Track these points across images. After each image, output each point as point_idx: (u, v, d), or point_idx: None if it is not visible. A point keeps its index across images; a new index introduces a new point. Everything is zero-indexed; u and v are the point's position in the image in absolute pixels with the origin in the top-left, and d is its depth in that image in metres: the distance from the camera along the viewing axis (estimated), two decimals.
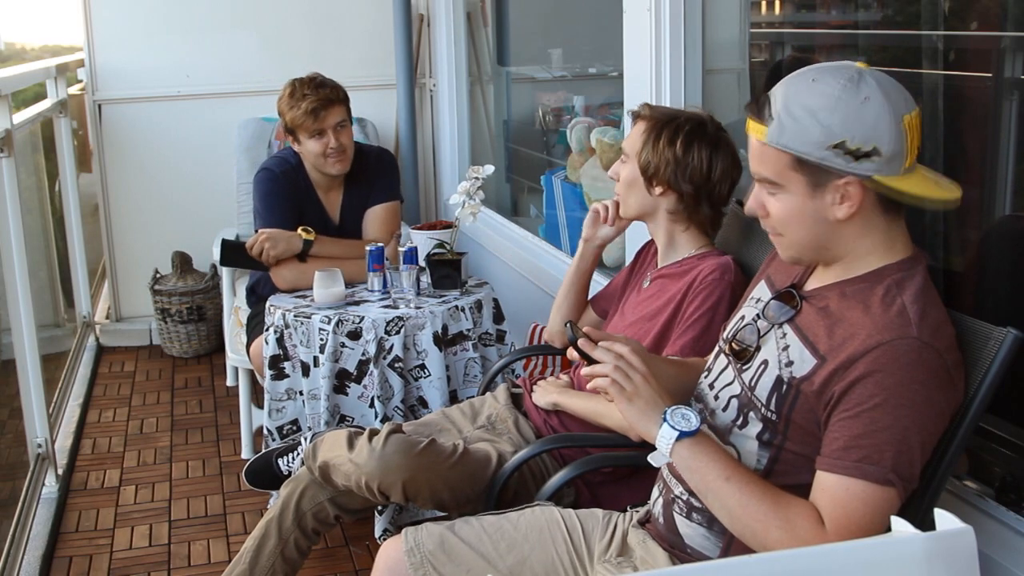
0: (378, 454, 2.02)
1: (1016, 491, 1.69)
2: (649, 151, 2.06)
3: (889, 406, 1.32)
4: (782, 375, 1.45)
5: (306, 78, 3.08)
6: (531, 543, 1.69)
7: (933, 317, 1.38)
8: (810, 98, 1.38)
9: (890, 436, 1.32)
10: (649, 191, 2.08)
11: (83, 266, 4.45)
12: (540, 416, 2.23)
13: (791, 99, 1.39)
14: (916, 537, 1.02)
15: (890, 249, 1.45)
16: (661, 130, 2.06)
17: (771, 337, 1.51)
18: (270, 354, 2.72)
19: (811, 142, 1.37)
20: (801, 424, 1.43)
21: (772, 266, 1.67)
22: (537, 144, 4.07)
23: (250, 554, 2.19)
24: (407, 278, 2.81)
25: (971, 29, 2.01)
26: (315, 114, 3.00)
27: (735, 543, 1.49)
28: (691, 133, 2.05)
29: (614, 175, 2.18)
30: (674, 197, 2.07)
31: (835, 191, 1.40)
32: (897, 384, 1.33)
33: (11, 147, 2.94)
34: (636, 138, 2.10)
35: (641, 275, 2.24)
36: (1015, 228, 1.90)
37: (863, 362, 1.35)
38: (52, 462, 3.08)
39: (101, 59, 4.35)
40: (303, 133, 3.03)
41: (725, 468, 1.41)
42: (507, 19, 4.43)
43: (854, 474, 1.33)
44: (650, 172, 2.06)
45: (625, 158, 2.13)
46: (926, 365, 1.34)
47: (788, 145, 1.39)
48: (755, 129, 1.42)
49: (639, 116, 2.12)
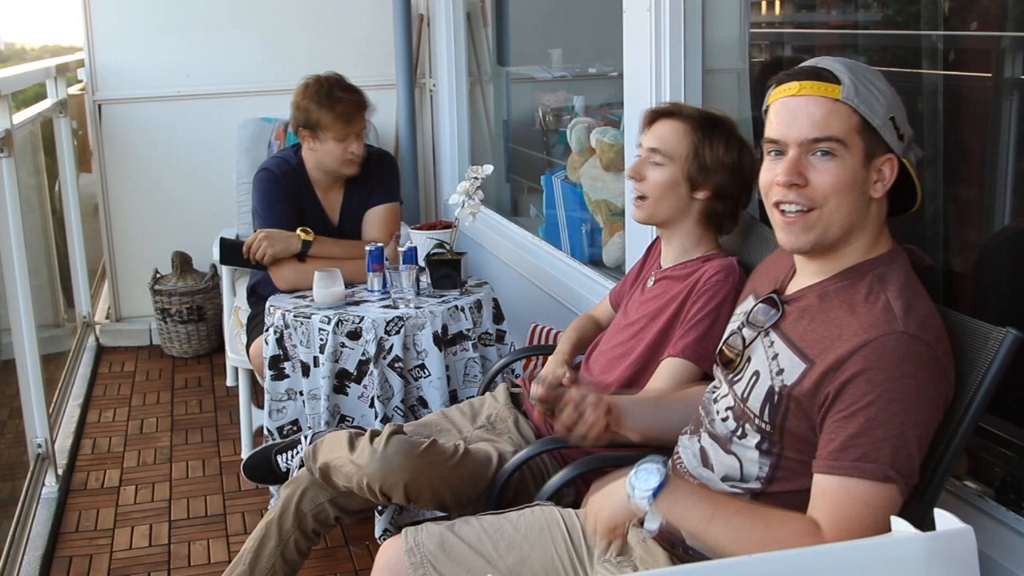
0: (379, 455, 2.02)
1: (1016, 491, 1.69)
2: (704, 155, 2.00)
3: (882, 402, 1.32)
4: (774, 385, 1.45)
5: (333, 78, 3.05)
6: (531, 543, 1.69)
7: (919, 310, 1.39)
8: (867, 72, 1.43)
9: (886, 432, 1.32)
10: (691, 195, 2.03)
11: (83, 266, 4.45)
12: (540, 416, 2.23)
13: (853, 69, 1.42)
14: (916, 537, 1.02)
15: (875, 244, 1.47)
16: (712, 133, 2.01)
17: (759, 346, 1.52)
18: (270, 354, 2.72)
19: (876, 109, 1.41)
20: (796, 432, 1.43)
21: (758, 282, 1.68)
22: (537, 144, 4.07)
23: (250, 555, 2.19)
24: (407, 278, 2.81)
25: (971, 29, 2.01)
26: (348, 118, 2.99)
27: None
28: (737, 136, 2.03)
29: (636, 174, 2.06)
30: (713, 200, 2.03)
31: (877, 167, 1.43)
32: (888, 380, 1.33)
33: (11, 147, 2.94)
34: (678, 139, 2.02)
35: (646, 274, 2.23)
36: (1016, 229, 1.90)
37: (852, 361, 1.35)
38: (52, 462, 3.08)
39: (101, 59, 4.35)
40: (328, 133, 3.00)
41: (705, 507, 1.38)
42: (507, 19, 4.43)
43: (853, 474, 1.33)
44: (700, 177, 2.00)
45: (660, 159, 2.03)
46: (915, 358, 1.34)
47: (860, 106, 1.40)
48: (822, 88, 1.41)
49: (674, 115, 2.04)
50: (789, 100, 1.44)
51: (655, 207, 2.06)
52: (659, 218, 2.08)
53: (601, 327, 2.36)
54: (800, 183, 1.42)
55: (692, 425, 1.65)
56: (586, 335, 2.35)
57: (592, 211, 3.24)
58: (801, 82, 1.43)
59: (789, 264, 1.60)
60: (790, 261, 1.59)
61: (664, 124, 2.05)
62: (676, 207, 2.05)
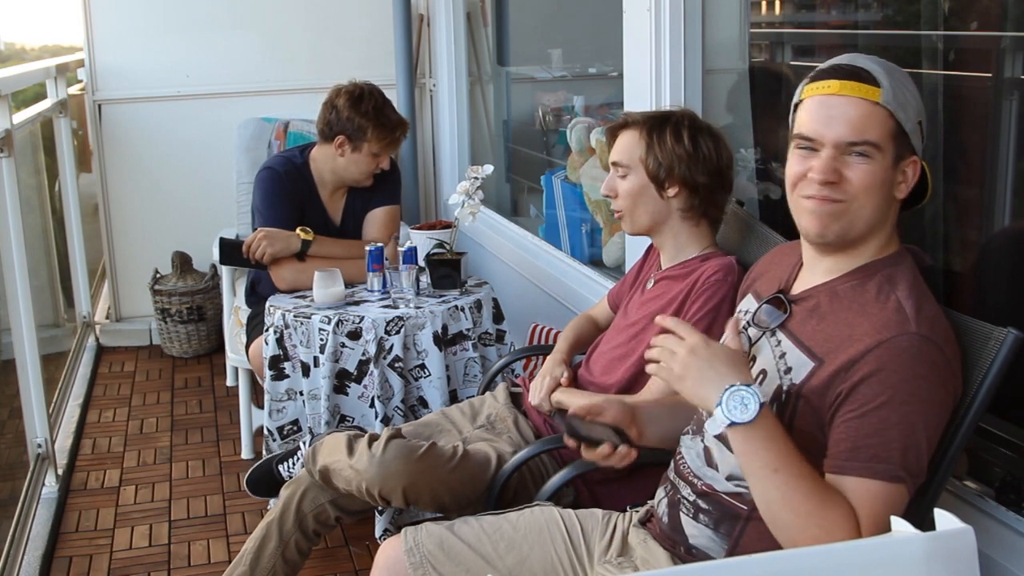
0: (378, 460, 2.02)
1: (1016, 491, 1.69)
2: (657, 153, 2.03)
3: (895, 403, 1.33)
4: (782, 384, 1.45)
5: (379, 95, 3.06)
6: (530, 543, 1.69)
7: (929, 311, 1.39)
8: (901, 74, 1.43)
9: (898, 433, 1.32)
10: (661, 195, 2.05)
11: (83, 266, 4.45)
12: (540, 415, 2.23)
13: (890, 71, 1.42)
14: (916, 537, 1.02)
15: (887, 243, 1.47)
16: (661, 130, 2.04)
17: (765, 345, 1.51)
18: (270, 354, 2.72)
19: (910, 112, 1.42)
20: (804, 431, 1.42)
21: (758, 281, 1.67)
22: (537, 144, 4.07)
23: (251, 555, 2.19)
24: (407, 278, 2.81)
25: (971, 29, 2.02)
26: (396, 144, 3.08)
27: (741, 544, 1.48)
28: (691, 126, 2.04)
29: (610, 192, 2.12)
30: (687, 195, 2.04)
31: (903, 168, 1.43)
32: (901, 381, 1.33)
33: (11, 147, 2.94)
34: (633, 146, 2.06)
35: (645, 275, 2.23)
36: (1016, 228, 1.90)
37: (865, 362, 1.35)
38: (52, 462, 3.08)
39: (101, 59, 4.35)
40: (368, 148, 3.02)
41: (776, 458, 1.34)
42: (507, 19, 4.43)
43: (865, 474, 1.33)
44: (662, 174, 2.03)
45: (623, 171, 2.08)
46: (927, 359, 1.34)
47: (898, 110, 1.40)
48: (863, 91, 1.40)
49: (625, 125, 2.09)
50: (827, 99, 1.42)
51: (633, 217, 2.10)
52: (642, 225, 2.11)
53: (599, 327, 2.36)
54: (836, 180, 1.42)
55: (694, 425, 1.64)
56: (584, 335, 2.36)
57: (592, 211, 3.24)
58: (842, 81, 1.41)
59: (793, 262, 1.59)
60: (795, 259, 1.59)
61: (621, 137, 2.10)
62: (654, 211, 2.07)
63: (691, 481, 1.58)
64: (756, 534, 1.46)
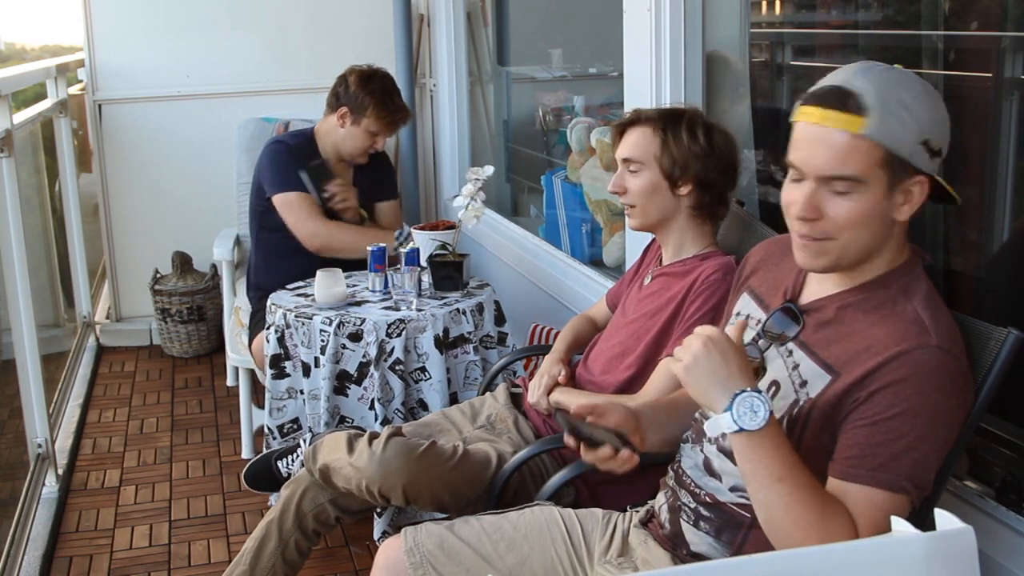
0: (378, 458, 2.02)
1: (1016, 491, 1.69)
2: (672, 151, 2.02)
3: (908, 415, 1.31)
4: (799, 398, 1.42)
5: (392, 84, 3.26)
6: (530, 543, 1.69)
7: (945, 322, 1.37)
8: (902, 91, 1.33)
9: (907, 444, 1.31)
10: (674, 192, 2.05)
11: (83, 266, 4.45)
12: (540, 416, 2.23)
13: (886, 92, 1.32)
14: (916, 537, 1.01)
15: (896, 255, 1.43)
16: (676, 127, 2.03)
17: (776, 356, 1.48)
18: (271, 353, 2.72)
19: (906, 137, 1.32)
20: (814, 446, 1.40)
21: (753, 278, 1.65)
22: (537, 144, 4.07)
23: (250, 555, 2.19)
24: (409, 279, 2.80)
25: (971, 29, 2.02)
26: (393, 128, 3.26)
27: (743, 552, 1.47)
28: (705, 124, 2.04)
29: (618, 188, 2.09)
30: (698, 193, 2.04)
31: (904, 191, 1.35)
32: (917, 393, 1.31)
33: (11, 147, 2.93)
34: (646, 142, 2.04)
35: (644, 271, 2.23)
36: (1016, 229, 1.90)
37: (883, 373, 1.32)
38: (52, 462, 3.08)
39: (101, 59, 4.35)
40: (367, 124, 3.18)
41: (780, 467, 1.32)
42: (507, 19, 4.43)
43: (868, 482, 1.32)
44: (677, 172, 2.02)
45: (635, 167, 2.06)
46: (946, 372, 1.32)
47: (885, 139, 1.32)
48: (844, 121, 1.32)
49: (636, 122, 2.07)
50: (809, 127, 1.35)
51: (644, 213, 2.09)
52: (651, 222, 2.11)
53: (598, 327, 2.37)
54: (815, 217, 1.36)
55: (693, 434, 1.63)
56: (582, 335, 2.36)
57: (592, 211, 3.24)
58: (823, 111, 1.33)
59: (794, 264, 1.57)
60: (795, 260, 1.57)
61: (631, 133, 2.08)
62: (664, 207, 2.07)
63: (693, 492, 1.57)
64: (758, 541, 1.44)
